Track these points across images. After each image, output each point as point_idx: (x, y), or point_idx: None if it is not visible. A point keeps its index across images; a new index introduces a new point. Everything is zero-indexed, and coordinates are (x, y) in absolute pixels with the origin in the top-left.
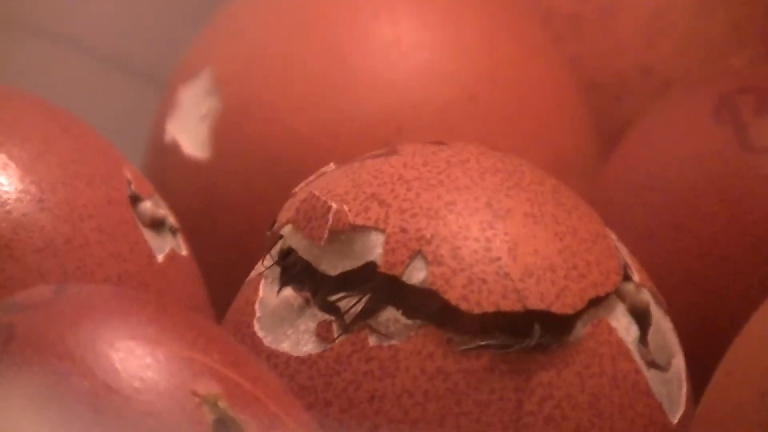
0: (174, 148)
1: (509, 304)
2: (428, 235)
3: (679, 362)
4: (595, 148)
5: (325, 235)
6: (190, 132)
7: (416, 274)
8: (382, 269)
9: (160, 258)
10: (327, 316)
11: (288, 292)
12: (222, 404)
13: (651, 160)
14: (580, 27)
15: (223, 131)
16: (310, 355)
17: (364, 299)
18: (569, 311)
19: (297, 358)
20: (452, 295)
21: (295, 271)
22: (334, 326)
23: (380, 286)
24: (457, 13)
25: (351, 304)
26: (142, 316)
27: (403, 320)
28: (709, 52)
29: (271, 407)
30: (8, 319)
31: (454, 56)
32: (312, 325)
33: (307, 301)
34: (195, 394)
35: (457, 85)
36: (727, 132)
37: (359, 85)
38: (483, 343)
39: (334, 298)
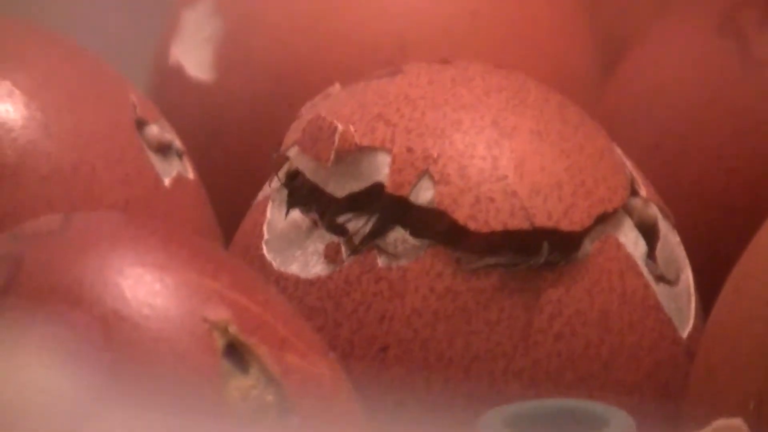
0: (178, 71)
1: (517, 223)
2: (435, 155)
3: (687, 276)
4: (599, 63)
5: (332, 156)
6: (193, 54)
7: (423, 194)
8: (389, 190)
9: (167, 182)
10: (335, 238)
11: (296, 214)
12: (232, 329)
13: (656, 74)
14: None
15: (226, 53)
16: (319, 276)
17: (372, 220)
18: (577, 228)
19: (306, 280)
20: (460, 215)
21: (302, 193)
22: (343, 247)
23: (387, 207)
24: None
25: (359, 225)
26: (151, 242)
27: (411, 240)
28: None
29: (281, 331)
30: (17, 248)
31: None
32: (320, 246)
33: (314, 223)
34: (205, 319)
35: (463, 2)
36: (730, 46)
37: (362, 4)
38: (491, 261)
39: (341, 219)
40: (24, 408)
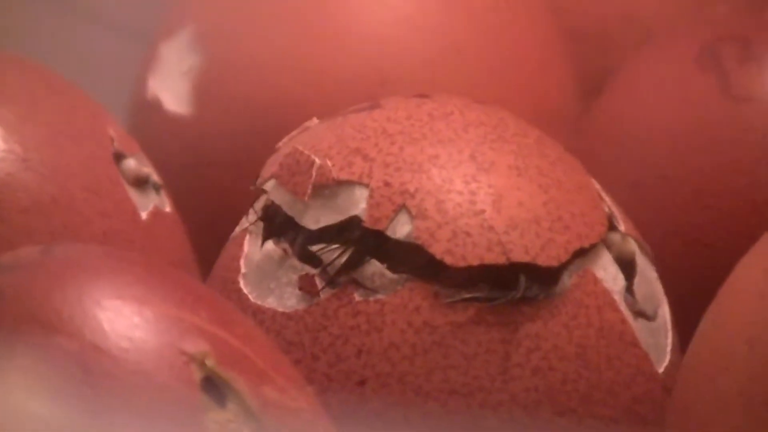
0: (156, 105)
1: (494, 257)
2: (412, 189)
3: (665, 311)
4: (578, 98)
5: (309, 190)
6: (172, 88)
7: (401, 229)
8: (367, 224)
9: (144, 215)
10: (308, 268)
11: (269, 245)
12: (210, 362)
13: (635, 109)
14: None
15: (205, 87)
16: (297, 310)
17: (348, 252)
18: (554, 263)
19: (283, 313)
20: (437, 249)
21: (276, 223)
22: (317, 279)
23: (364, 240)
24: None
25: (333, 256)
26: (130, 275)
27: (389, 274)
28: (691, 0)
29: (260, 364)
30: None
31: (439, 8)
32: (293, 277)
33: (285, 252)
34: (183, 352)
35: (442, 37)
36: (710, 80)
37: (343, 38)
38: (469, 295)
39: (315, 248)
40: None
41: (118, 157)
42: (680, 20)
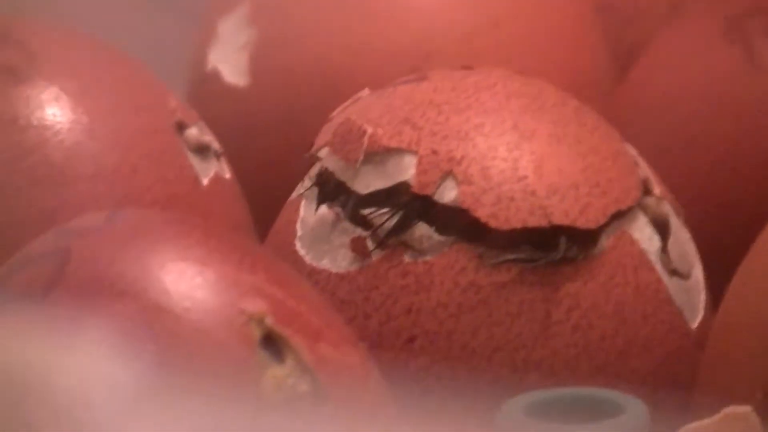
0: (215, 77)
1: (536, 220)
2: (458, 156)
3: (698, 271)
4: (611, 69)
5: (361, 157)
6: (230, 61)
7: (447, 194)
8: (415, 189)
9: (205, 181)
10: (359, 230)
11: (323, 209)
12: (268, 321)
13: (664, 79)
14: None
15: (261, 60)
16: (349, 271)
17: (397, 215)
18: (592, 226)
19: (337, 274)
20: (482, 213)
21: (330, 189)
22: (368, 241)
23: (413, 205)
24: None
25: (384, 219)
26: (191, 238)
27: (436, 237)
28: None
29: (315, 322)
30: (64, 243)
31: None
32: (345, 239)
33: (337, 215)
34: (242, 311)
35: (482, 11)
36: (737, 52)
37: (389, 14)
38: (512, 257)
39: (366, 212)
40: (75, 398)
41: (180, 127)
42: None
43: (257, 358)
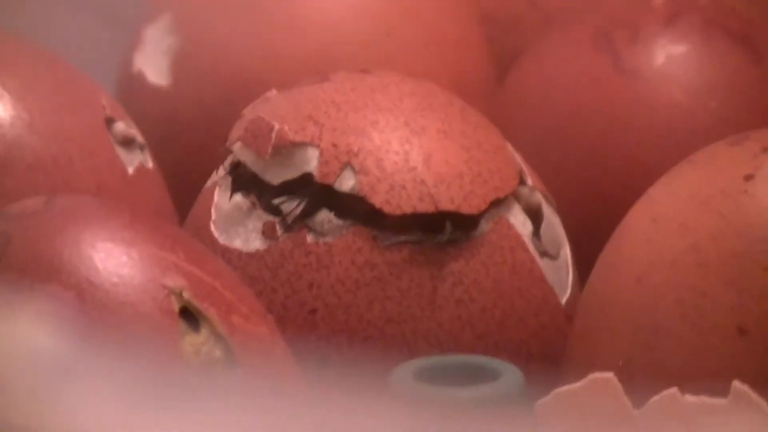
0: (140, 78)
1: (425, 206)
2: (356, 149)
3: (566, 252)
4: (492, 74)
5: (269, 150)
6: (153, 64)
7: (346, 183)
8: (317, 179)
9: (130, 171)
10: (271, 217)
11: (238, 197)
12: (186, 295)
13: (540, 82)
14: None
15: (181, 63)
16: (258, 250)
17: (303, 203)
18: (475, 211)
19: (247, 253)
20: (377, 200)
21: (244, 180)
22: (277, 226)
23: (316, 193)
24: None
25: (291, 207)
26: (119, 221)
27: (336, 221)
28: None
29: (228, 296)
30: (5, 226)
31: None
32: (258, 224)
33: (253, 204)
34: (164, 286)
35: (376, 23)
36: (604, 59)
37: (295, 25)
38: (403, 239)
39: (276, 201)
40: (16, 364)
41: (109, 122)
42: (578, 7)
43: (177, 327)
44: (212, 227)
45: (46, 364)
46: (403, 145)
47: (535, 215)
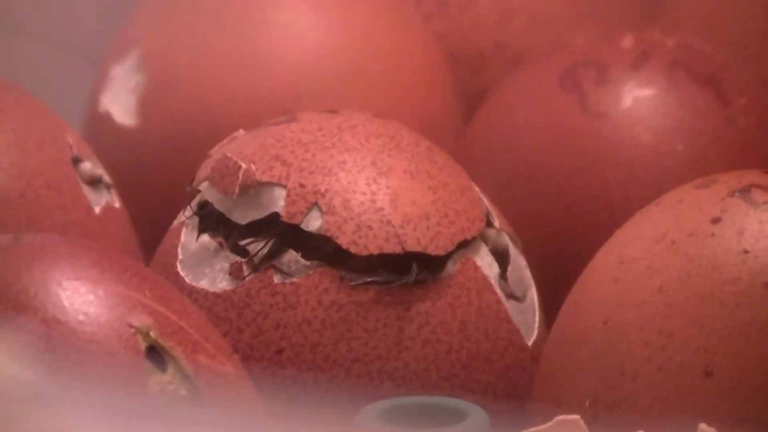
0: (107, 117)
1: (391, 247)
2: (323, 189)
3: (533, 294)
4: (459, 114)
5: (236, 190)
6: (120, 103)
7: (313, 223)
8: (284, 218)
9: (97, 210)
10: (238, 258)
11: (205, 238)
12: (153, 333)
13: (507, 123)
14: (445, 8)
15: (148, 102)
16: (225, 290)
17: (269, 243)
18: (441, 252)
19: (214, 293)
20: (343, 240)
21: (211, 220)
22: (244, 266)
23: (283, 233)
24: (345, 0)
25: (258, 247)
26: (86, 259)
27: (303, 261)
28: (553, 30)
29: (194, 335)
30: None
31: (341, 37)
32: (225, 265)
33: (221, 245)
34: (130, 325)
35: (343, 61)
36: (570, 99)
37: (262, 63)
38: (369, 279)
39: (243, 242)
40: None
41: (76, 161)
42: (545, 47)
43: (143, 366)
44: (179, 267)
45: (11, 399)
46: (370, 185)
47: (501, 257)
